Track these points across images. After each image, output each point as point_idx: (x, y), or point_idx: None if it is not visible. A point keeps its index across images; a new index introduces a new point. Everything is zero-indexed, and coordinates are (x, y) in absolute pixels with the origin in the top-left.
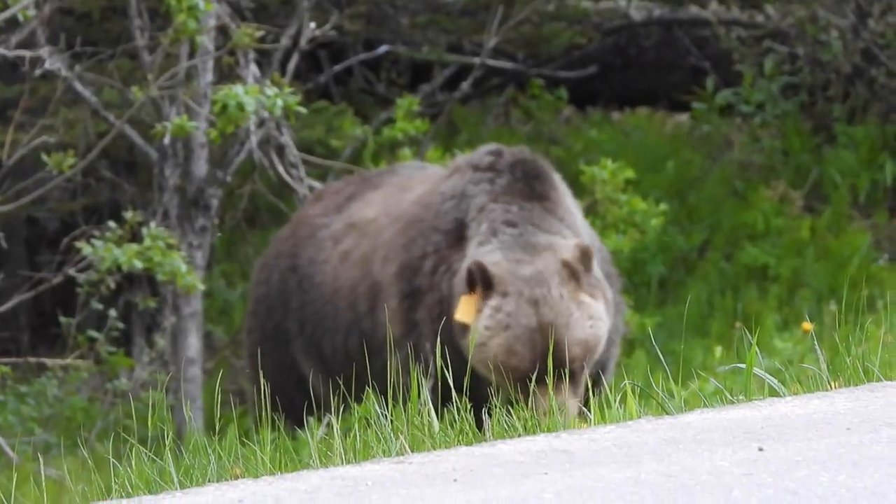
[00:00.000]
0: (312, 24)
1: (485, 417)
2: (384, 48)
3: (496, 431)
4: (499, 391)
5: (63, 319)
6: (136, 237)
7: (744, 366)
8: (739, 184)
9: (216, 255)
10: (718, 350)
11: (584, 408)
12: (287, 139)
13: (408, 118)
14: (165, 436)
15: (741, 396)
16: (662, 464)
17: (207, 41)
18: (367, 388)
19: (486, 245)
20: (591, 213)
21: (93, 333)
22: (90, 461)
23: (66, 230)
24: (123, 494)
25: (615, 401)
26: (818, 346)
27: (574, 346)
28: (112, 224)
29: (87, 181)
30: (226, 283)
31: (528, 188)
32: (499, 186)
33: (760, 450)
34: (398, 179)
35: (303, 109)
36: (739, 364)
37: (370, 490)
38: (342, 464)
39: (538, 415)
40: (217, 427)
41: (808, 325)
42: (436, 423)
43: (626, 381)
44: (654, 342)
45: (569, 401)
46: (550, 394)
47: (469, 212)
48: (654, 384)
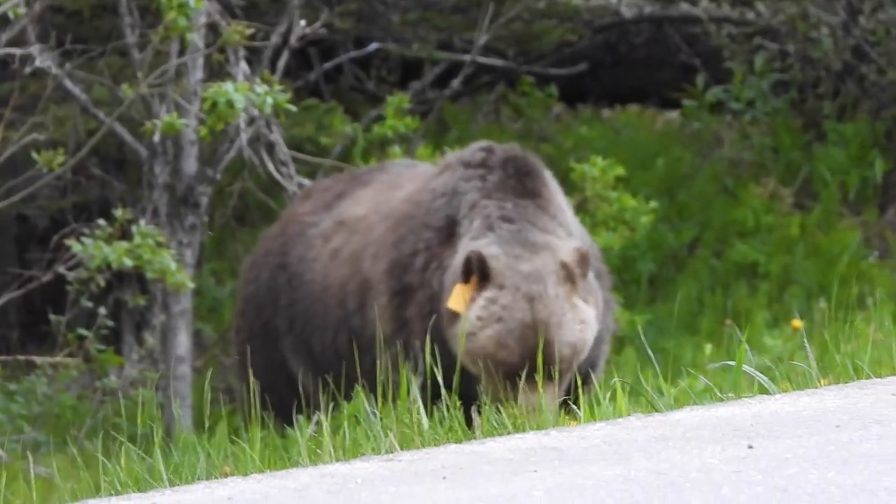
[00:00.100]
0: (302, 22)
1: (474, 415)
2: (374, 46)
3: (485, 429)
4: (488, 388)
5: (53, 317)
6: (126, 235)
7: (733, 363)
8: (729, 181)
9: (206, 253)
10: (708, 347)
11: (574, 405)
12: (277, 137)
13: (398, 116)
14: (155, 434)
15: (731, 394)
16: (652, 461)
17: (197, 39)
18: (357, 386)
19: (482, 239)
20: (582, 211)
21: (82, 331)
22: (79, 459)
23: (56, 228)
24: (113, 492)
25: (605, 398)
26: (808, 344)
27: (565, 347)
28: (102, 222)
29: (77, 179)
30: (215, 281)
31: (520, 185)
32: (490, 183)
33: (750, 447)
34: (388, 177)
35: (293, 107)
36: (729, 361)
37: (359, 488)
38: (331, 461)
39: (524, 410)
40: (206, 425)
41: (798, 323)
42: (425, 421)
43: (616, 379)
44: (644, 340)
45: (550, 400)
46: (540, 391)
47: (460, 209)
48: (644, 382)
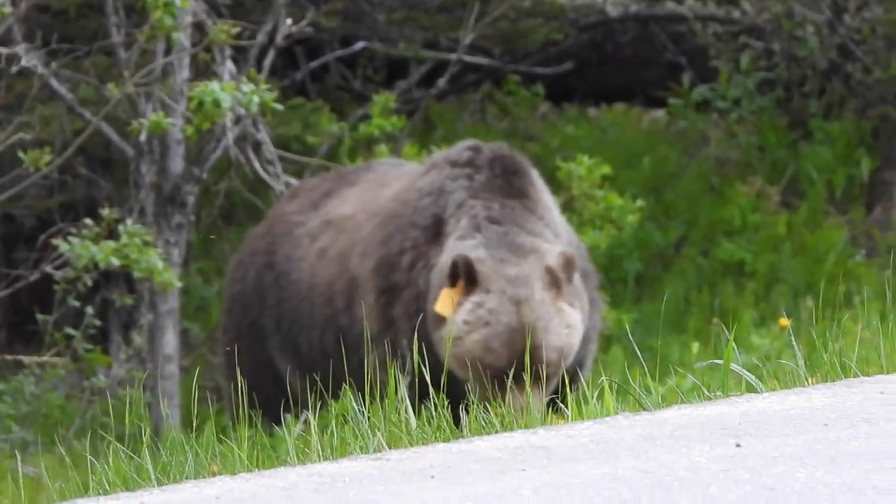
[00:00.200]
0: (289, 21)
1: (462, 414)
2: (360, 45)
3: (473, 428)
4: (476, 388)
5: (40, 317)
6: (113, 234)
7: (721, 362)
8: (716, 180)
9: (193, 252)
10: (695, 346)
11: (562, 404)
12: (263, 136)
13: (384, 115)
14: (143, 433)
15: (718, 392)
16: (640, 460)
17: (183, 38)
18: (345, 385)
19: (469, 240)
20: (568, 210)
21: (70, 331)
22: (68, 458)
23: (43, 227)
24: (101, 492)
25: (592, 397)
26: (795, 342)
27: (551, 351)
28: (89, 221)
29: (64, 178)
30: (202, 280)
31: (507, 184)
32: (477, 183)
33: (738, 446)
34: (375, 176)
35: (279, 106)
36: (716, 360)
37: (347, 487)
38: (319, 460)
39: (511, 411)
40: (194, 424)
41: (785, 321)
42: (413, 420)
43: (604, 378)
44: (631, 338)
45: (537, 403)
46: (528, 392)
47: (447, 208)
48: (632, 380)
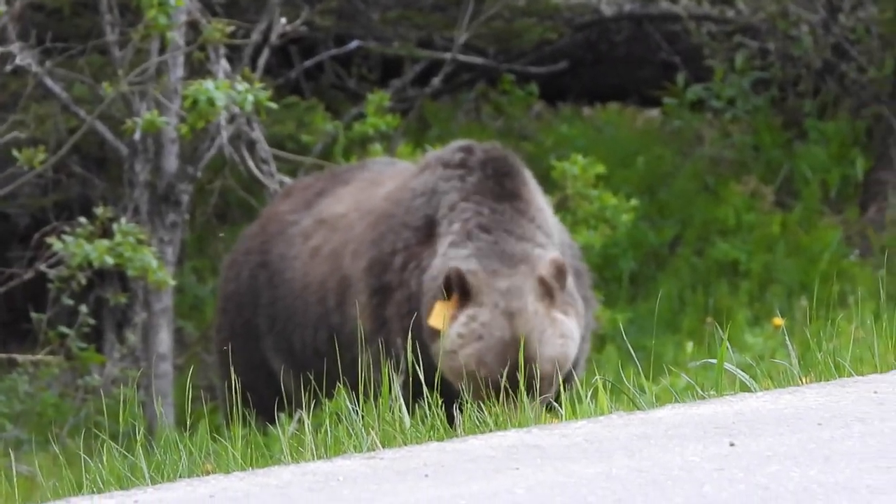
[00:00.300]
0: (283, 20)
1: (456, 413)
2: (355, 43)
3: (467, 427)
4: (470, 388)
5: (34, 315)
6: (107, 233)
7: (715, 361)
8: (710, 179)
9: (187, 251)
10: (689, 345)
11: (556, 403)
12: (258, 134)
13: (378, 113)
14: (136, 432)
15: (712, 392)
16: (634, 459)
17: (178, 36)
18: (339, 384)
19: (461, 248)
20: (562, 209)
21: (64, 329)
22: (61, 457)
23: (37, 226)
24: (95, 490)
25: (586, 396)
26: (789, 342)
27: (545, 363)
28: (83, 220)
29: (58, 177)
30: (197, 279)
31: (499, 186)
32: (470, 184)
33: (732, 445)
34: (368, 175)
35: (273, 105)
36: (710, 359)
37: (341, 485)
38: (313, 459)
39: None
40: (188, 423)
41: (779, 321)
42: (407, 419)
43: (598, 377)
44: (625, 338)
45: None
46: (524, 402)
47: (440, 209)
48: (626, 379)
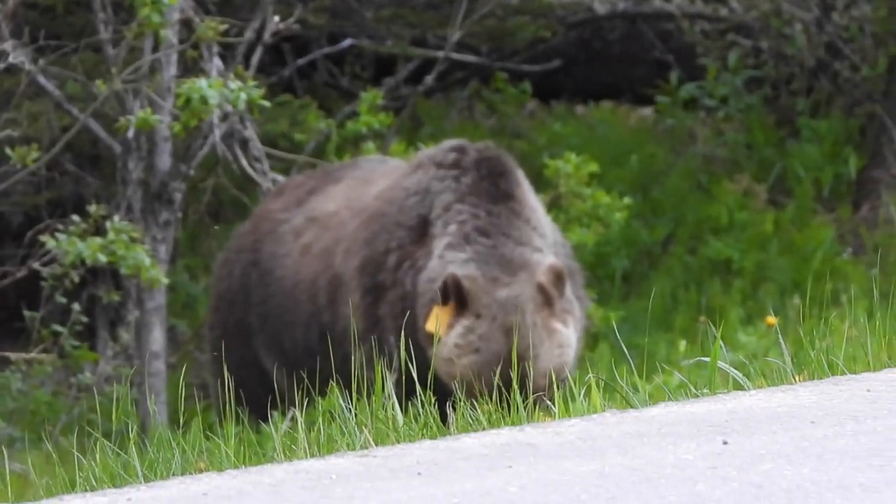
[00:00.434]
0: (276, 18)
1: (449, 411)
2: (348, 42)
3: (460, 425)
4: (463, 389)
5: (27, 313)
6: (100, 231)
7: (708, 359)
8: (703, 177)
9: (180, 249)
10: (682, 344)
11: (549, 401)
12: (251, 133)
13: (372, 112)
14: (130, 430)
15: (705, 390)
16: (627, 457)
17: (171, 35)
18: (331, 382)
19: (459, 252)
20: (555, 207)
21: (57, 327)
22: (54, 455)
23: (30, 224)
24: (88, 488)
25: (579, 394)
26: (782, 340)
27: (539, 378)
28: (76, 218)
29: (51, 175)
30: (189, 277)
31: (494, 187)
32: (464, 185)
33: (725, 443)
34: (359, 173)
35: (266, 103)
36: (704, 358)
37: (334, 483)
38: (306, 457)
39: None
40: (181, 421)
41: (772, 319)
42: (400, 417)
43: (591, 375)
44: (619, 336)
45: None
46: (517, 398)
47: (433, 209)
48: (619, 378)
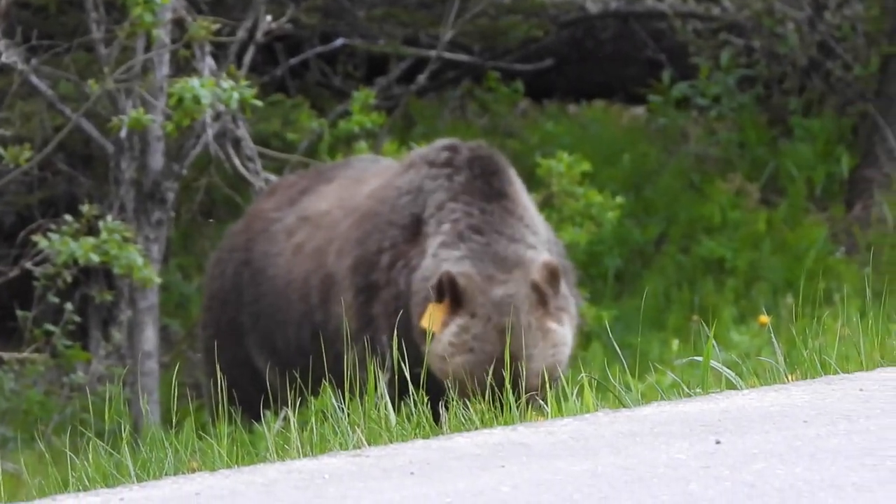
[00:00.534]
0: (269, 17)
1: (441, 410)
2: (340, 41)
3: (453, 424)
4: (456, 388)
5: (19, 313)
6: (93, 230)
7: (701, 359)
8: (696, 177)
9: (172, 249)
10: (675, 343)
11: (542, 401)
12: (243, 132)
13: (364, 111)
14: (122, 429)
15: (698, 389)
16: (620, 457)
17: (164, 34)
18: (324, 381)
19: (453, 249)
20: (548, 206)
21: (49, 327)
22: (47, 455)
23: (23, 223)
24: (80, 488)
25: (572, 394)
26: (775, 339)
27: (532, 378)
28: (68, 217)
29: (44, 174)
30: (182, 277)
31: (487, 185)
32: (457, 184)
33: (718, 442)
34: (351, 172)
35: (259, 102)
36: (696, 357)
37: (327, 483)
38: (299, 457)
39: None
40: (174, 421)
41: (765, 319)
42: (393, 417)
43: (583, 374)
44: (611, 335)
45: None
46: (509, 398)
47: (426, 208)
48: (611, 377)
